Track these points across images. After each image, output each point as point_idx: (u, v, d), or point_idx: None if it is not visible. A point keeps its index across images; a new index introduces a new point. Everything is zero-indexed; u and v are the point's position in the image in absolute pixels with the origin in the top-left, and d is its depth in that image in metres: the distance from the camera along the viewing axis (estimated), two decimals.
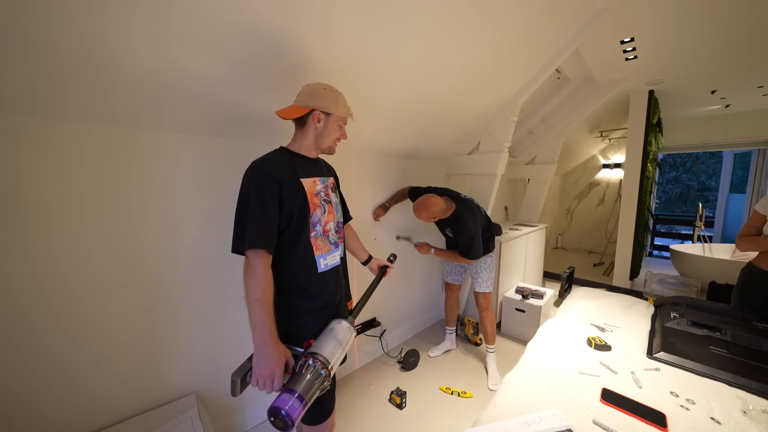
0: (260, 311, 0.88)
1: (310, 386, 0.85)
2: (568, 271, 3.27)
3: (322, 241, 1.08)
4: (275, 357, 0.88)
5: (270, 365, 0.87)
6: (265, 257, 0.92)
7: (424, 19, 1.34)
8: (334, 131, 1.11)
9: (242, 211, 0.94)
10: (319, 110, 1.05)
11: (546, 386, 1.21)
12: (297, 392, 0.81)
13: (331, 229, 1.12)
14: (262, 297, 0.89)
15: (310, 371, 0.87)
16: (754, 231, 1.66)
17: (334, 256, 1.13)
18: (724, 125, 4.13)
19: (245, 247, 0.91)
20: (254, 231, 0.91)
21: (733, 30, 2.04)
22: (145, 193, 1.25)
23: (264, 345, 0.87)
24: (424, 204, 1.84)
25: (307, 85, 1.08)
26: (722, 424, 1.02)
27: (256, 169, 0.96)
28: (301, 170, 1.05)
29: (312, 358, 0.89)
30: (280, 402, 0.79)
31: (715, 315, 1.65)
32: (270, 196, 0.93)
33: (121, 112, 1.12)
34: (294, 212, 0.99)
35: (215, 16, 0.96)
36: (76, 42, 0.87)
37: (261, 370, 0.86)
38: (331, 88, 1.09)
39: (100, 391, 1.21)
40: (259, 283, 0.89)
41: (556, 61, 2.05)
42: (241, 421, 1.63)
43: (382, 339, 2.33)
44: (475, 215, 1.94)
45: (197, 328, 1.44)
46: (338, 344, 0.97)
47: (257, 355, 0.88)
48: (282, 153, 1.07)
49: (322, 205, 1.08)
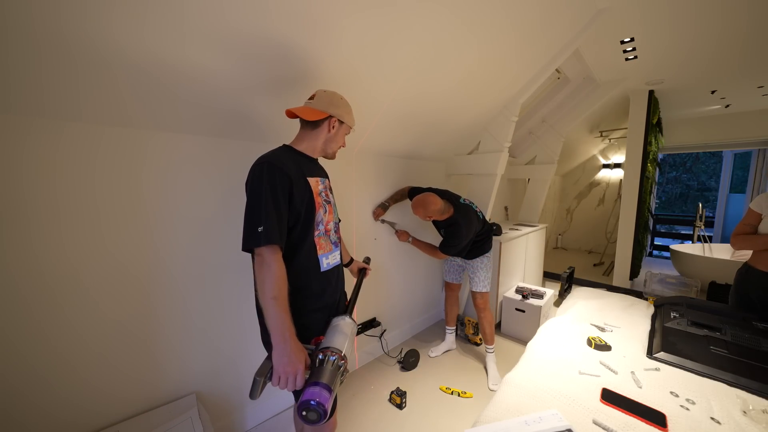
0: (278, 309, 0.87)
1: (333, 376, 0.85)
2: (568, 271, 3.27)
3: (324, 241, 1.09)
4: (297, 353, 0.87)
5: (294, 362, 0.86)
6: (279, 253, 0.91)
7: (424, 20, 1.34)
8: (341, 139, 1.17)
9: (255, 207, 0.91)
10: (337, 118, 1.10)
11: (546, 386, 1.21)
12: (322, 383, 0.82)
13: (331, 228, 1.13)
14: (278, 294, 0.87)
15: (331, 364, 0.87)
16: (750, 229, 1.65)
17: (334, 255, 1.14)
18: (724, 125, 4.13)
19: (261, 243, 0.88)
20: (269, 227, 0.89)
21: (733, 30, 2.04)
22: (146, 193, 1.25)
23: (284, 343, 0.86)
24: (423, 202, 1.86)
25: (325, 92, 1.12)
26: (722, 424, 1.02)
27: (266, 164, 0.94)
28: (307, 169, 1.06)
29: (330, 352, 0.90)
30: (309, 394, 0.79)
31: (715, 315, 1.65)
32: (282, 191, 0.93)
33: (127, 112, 1.12)
34: (302, 210, 1.00)
35: (227, 17, 0.97)
36: (82, 36, 0.87)
37: (284, 367, 0.85)
38: (345, 99, 1.16)
39: (99, 391, 1.21)
40: (275, 280, 0.88)
41: (556, 61, 2.05)
42: (241, 421, 1.63)
43: (382, 339, 2.33)
44: (471, 223, 1.94)
45: (197, 328, 1.44)
46: (346, 337, 0.99)
47: (278, 354, 0.86)
48: (287, 150, 1.07)
49: (323, 204, 1.09)
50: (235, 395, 1.60)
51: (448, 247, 1.96)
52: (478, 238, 2.05)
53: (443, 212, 1.92)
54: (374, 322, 2.30)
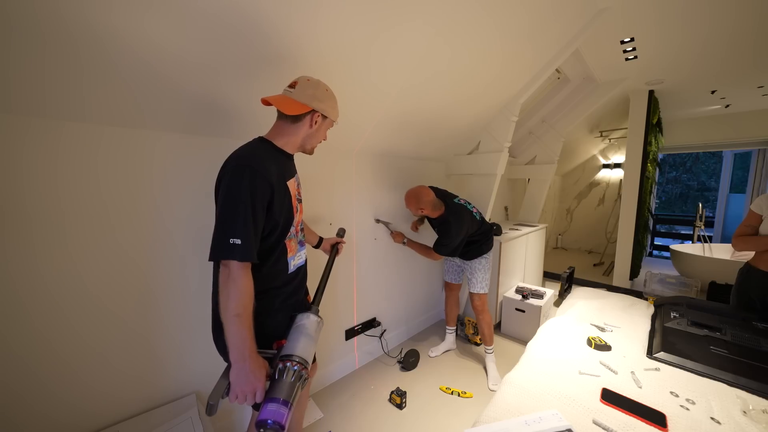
0: (239, 326, 0.82)
1: (292, 389, 0.84)
2: (568, 271, 3.27)
3: (294, 243, 1.06)
4: (256, 372, 0.83)
5: (251, 380, 0.83)
6: (248, 268, 0.86)
7: (424, 20, 1.34)
8: (323, 134, 1.09)
9: (230, 215, 0.84)
10: (320, 113, 1.02)
11: (546, 386, 1.21)
12: (280, 399, 0.81)
13: (299, 229, 1.10)
14: (242, 312, 0.83)
15: (291, 375, 0.85)
16: (751, 230, 1.66)
17: (300, 255, 1.11)
18: (724, 125, 4.13)
19: (234, 258, 0.82)
20: (246, 241, 0.83)
21: (733, 30, 2.04)
22: (144, 193, 1.25)
23: (243, 361, 0.82)
24: (415, 193, 1.89)
25: (308, 80, 1.00)
26: (722, 424, 1.02)
27: (248, 170, 0.86)
28: (286, 170, 1.01)
29: (289, 362, 0.87)
30: (266, 413, 0.78)
31: (715, 315, 1.65)
32: (261, 202, 0.87)
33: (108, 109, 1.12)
34: (280, 220, 0.95)
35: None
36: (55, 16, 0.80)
37: (242, 386, 0.82)
38: (331, 90, 1.06)
39: (99, 391, 1.21)
40: (240, 297, 0.83)
41: (556, 61, 2.05)
42: (241, 421, 1.63)
43: (382, 339, 2.33)
44: (462, 222, 1.92)
45: (197, 328, 1.44)
46: (310, 340, 0.96)
47: (236, 372, 0.82)
48: (267, 148, 0.99)
49: (298, 206, 1.06)
50: None
51: (440, 247, 1.96)
52: (474, 238, 2.04)
53: (435, 207, 1.92)
54: (374, 322, 2.30)
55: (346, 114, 1.67)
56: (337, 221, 1.96)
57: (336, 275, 2.00)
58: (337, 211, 1.96)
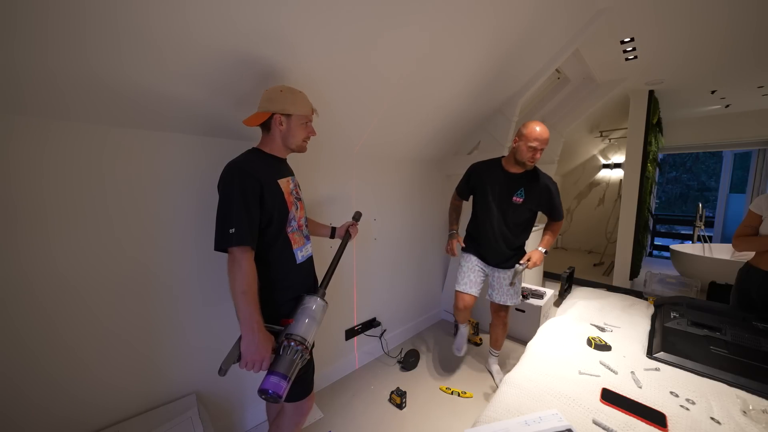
0: (247, 302, 0.95)
1: (292, 364, 0.97)
2: (568, 271, 3.26)
3: (298, 236, 1.16)
4: (264, 343, 0.96)
5: (260, 350, 0.95)
6: (249, 252, 0.98)
7: (424, 20, 1.34)
8: (299, 130, 1.12)
9: (225, 210, 0.98)
10: (279, 113, 1.07)
11: (546, 386, 1.21)
12: (280, 372, 0.94)
13: (303, 224, 1.20)
14: (248, 289, 0.95)
15: (291, 352, 0.98)
16: (751, 231, 1.66)
17: (307, 248, 1.21)
18: (724, 125, 4.13)
19: (232, 244, 0.95)
20: (239, 229, 0.96)
21: (733, 30, 2.04)
22: (142, 192, 1.25)
23: (252, 333, 0.95)
24: (544, 126, 1.57)
25: (266, 90, 1.10)
26: (722, 424, 1.02)
27: (236, 170, 1.00)
28: (277, 171, 1.11)
29: (293, 341, 1.00)
30: (267, 384, 0.92)
31: (715, 315, 1.65)
32: (252, 195, 0.98)
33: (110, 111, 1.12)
34: (274, 213, 1.05)
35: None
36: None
37: (252, 356, 0.95)
38: (288, 88, 1.10)
39: (99, 391, 1.21)
40: (244, 276, 0.95)
41: (556, 61, 2.05)
42: (241, 421, 1.63)
43: (382, 339, 2.33)
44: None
45: (197, 327, 1.44)
46: (313, 321, 1.08)
47: (247, 343, 0.95)
48: (257, 154, 1.10)
49: (294, 202, 1.14)
50: (235, 395, 1.59)
51: (558, 209, 1.77)
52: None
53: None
54: (374, 322, 2.30)
55: (346, 114, 1.67)
56: (337, 221, 1.95)
57: (336, 275, 2.00)
58: (337, 211, 1.96)
